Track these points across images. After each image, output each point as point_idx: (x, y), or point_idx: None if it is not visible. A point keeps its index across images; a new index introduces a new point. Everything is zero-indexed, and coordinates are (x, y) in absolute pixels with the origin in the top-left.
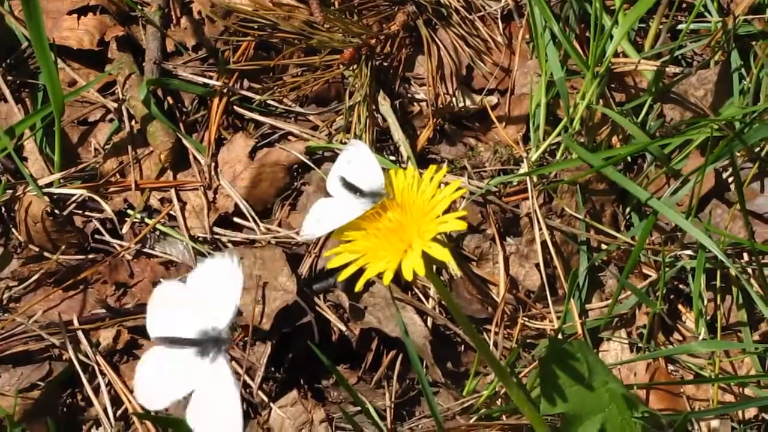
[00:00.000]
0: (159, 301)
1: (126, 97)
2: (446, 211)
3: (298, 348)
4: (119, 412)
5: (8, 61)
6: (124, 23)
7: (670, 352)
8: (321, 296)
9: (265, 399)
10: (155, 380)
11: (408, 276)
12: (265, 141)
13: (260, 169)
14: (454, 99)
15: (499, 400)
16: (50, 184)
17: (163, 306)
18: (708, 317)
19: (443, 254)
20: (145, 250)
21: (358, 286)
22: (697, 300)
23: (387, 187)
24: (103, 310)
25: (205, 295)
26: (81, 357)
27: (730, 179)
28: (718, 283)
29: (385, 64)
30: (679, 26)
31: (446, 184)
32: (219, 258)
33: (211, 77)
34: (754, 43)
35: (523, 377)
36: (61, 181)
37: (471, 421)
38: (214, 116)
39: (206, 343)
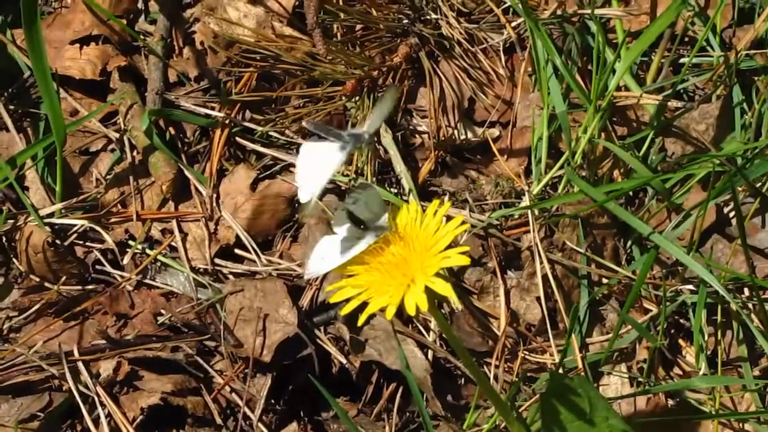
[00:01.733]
0: None
1: (128, 127)
2: (449, 246)
3: (299, 380)
4: None
5: (10, 90)
6: (126, 53)
7: (670, 387)
8: (322, 329)
9: (265, 431)
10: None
11: (411, 311)
12: (267, 172)
13: (262, 200)
14: (455, 131)
15: None
16: (51, 215)
17: None
18: (708, 352)
19: (446, 289)
20: (146, 281)
21: (361, 321)
22: (697, 335)
23: (390, 221)
24: (104, 341)
25: None
26: (81, 388)
27: (732, 214)
28: (718, 318)
29: None
30: (682, 60)
31: (449, 218)
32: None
33: (213, 108)
34: (756, 78)
35: (524, 411)
36: (63, 211)
37: None
38: (216, 147)
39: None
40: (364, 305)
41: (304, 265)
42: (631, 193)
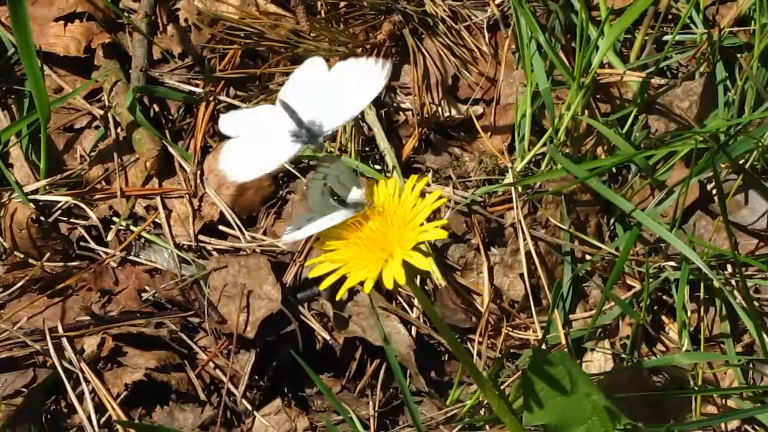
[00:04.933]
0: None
1: (112, 104)
2: (429, 220)
3: (282, 357)
4: (103, 419)
5: None
6: (110, 30)
7: (653, 363)
8: (305, 305)
9: (249, 407)
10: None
11: (389, 285)
12: None
13: None
14: (439, 108)
15: (483, 409)
16: (36, 191)
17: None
18: (691, 329)
19: (424, 263)
20: (130, 257)
21: (340, 295)
22: (680, 311)
23: (368, 196)
24: (88, 317)
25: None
26: (65, 364)
27: (715, 191)
28: (701, 294)
29: None
30: (665, 38)
31: (429, 193)
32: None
33: (197, 85)
34: (739, 55)
35: (507, 388)
36: (47, 188)
37: (454, 431)
38: (200, 124)
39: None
40: (344, 280)
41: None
42: (614, 170)
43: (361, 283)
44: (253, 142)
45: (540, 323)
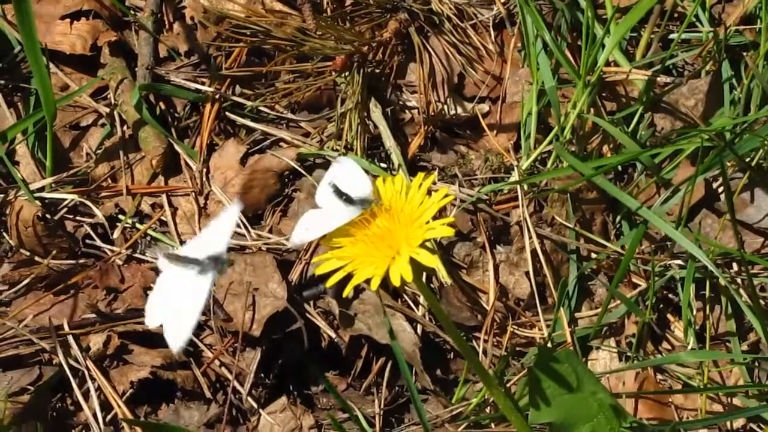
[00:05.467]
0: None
1: (118, 102)
2: (435, 218)
3: (288, 354)
4: (108, 417)
5: (0, 65)
6: (116, 28)
7: (658, 361)
8: (311, 303)
9: (255, 405)
10: (158, 299)
11: (396, 282)
12: (257, 147)
13: (251, 175)
14: (445, 106)
15: (489, 408)
16: (42, 189)
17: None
18: (697, 327)
19: (431, 260)
20: (136, 255)
21: (347, 292)
22: (686, 310)
23: (375, 194)
24: (94, 315)
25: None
26: (71, 361)
27: (720, 189)
28: (707, 293)
29: (377, 71)
30: (671, 36)
31: (435, 191)
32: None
33: (203, 83)
34: (745, 53)
35: (513, 386)
36: (53, 185)
37: (460, 429)
38: (206, 122)
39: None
40: (350, 277)
41: (290, 234)
42: (620, 168)
43: (367, 281)
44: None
45: (546, 321)
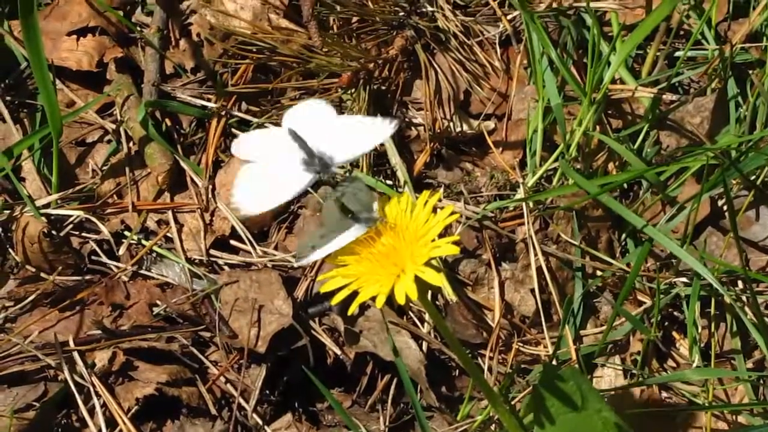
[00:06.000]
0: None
1: (124, 118)
2: (440, 236)
3: (293, 371)
4: None
5: (7, 81)
6: (123, 45)
7: (663, 379)
8: (316, 320)
9: (260, 422)
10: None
11: (401, 300)
12: None
13: None
14: (451, 124)
15: (493, 425)
16: (47, 205)
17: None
18: (702, 344)
19: (436, 279)
20: (142, 271)
21: (352, 310)
22: (691, 327)
23: (380, 211)
24: (99, 332)
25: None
26: (76, 378)
27: (726, 207)
28: (712, 310)
29: (383, 88)
30: (677, 53)
31: (441, 209)
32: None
33: (209, 99)
34: (750, 71)
35: (518, 403)
36: (59, 201)
37: None
38: (212, 138)
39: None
40: (355, 295)
41: (296, 253)
42: (625, 185)
43: (373, 299)
44: (265, 171)
45: (551, 339)
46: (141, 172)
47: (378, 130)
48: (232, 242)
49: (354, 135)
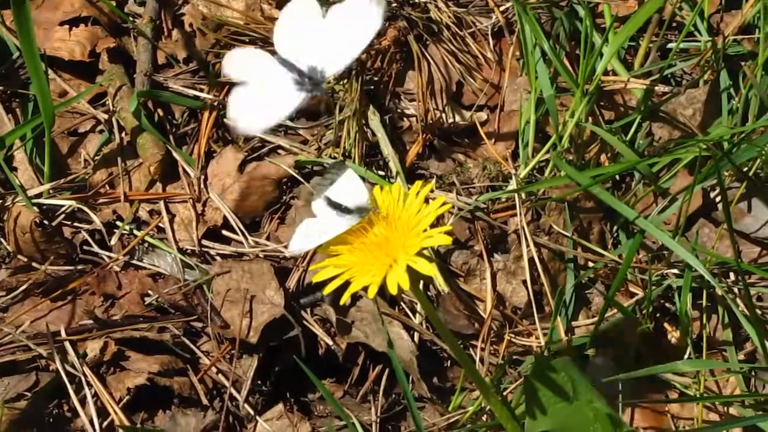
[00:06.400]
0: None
1: (116, 108)
2: (433, 226)
3: (285, 361)
4: (105, 423)
5: None
6: (115, 35)
7: (655, 370)
8: (308, 310)
9: (251, 412)
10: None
11: (393, 290)
12: (255, 154)
13: (249, 182)
14: (443, 115)
15: (485, 416)
16: (39, 195)
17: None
18: (694, 336)
19: (428, 269)
20: (134, 261)
21: (344, 300)
22: (683, 319)
23: (373, 202)
24: (91, 321)
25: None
26: (68, 368)
27: (718, 199)
28: (704, 302)
29: (376, 79)
30: (669, 45)
31: (433, 199)
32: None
33: (201, 90)
34: (743, 63)
35: (509, 394)
36: (51, 191)
37: None
38: (204, 129)
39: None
40: (347, 285)
41: (288, 243)
42: (617, 177)
43: (365, 289)
44: (257, 91)
45: (543, 330)
46: (133, 163)
47: (367, 21)
48: (224, 233)
49: (343, 36)
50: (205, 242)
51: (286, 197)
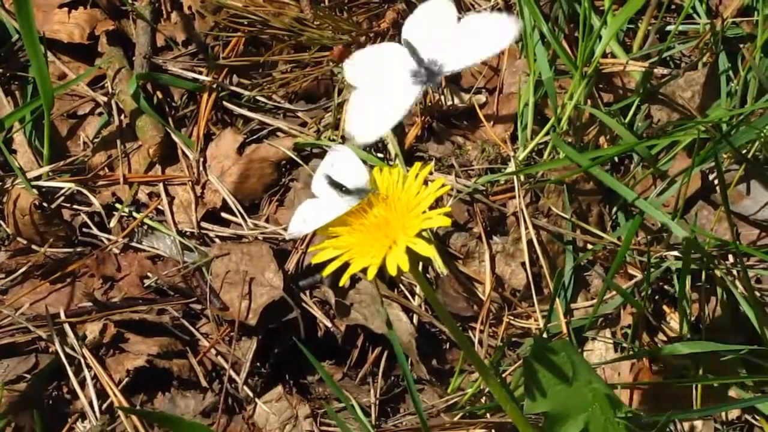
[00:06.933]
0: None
1: (115, 91)
2: (432, 208)
3: (284, 344)
4: (104, 405)
5: None
6: (114, 17)
7: (654, 352)
8: (307, 292)
9: (251, 394)
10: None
11: (392, 271)
12: (254, 137)
13: (248, 164)
14: (442, 97)
15: (484, 398)
16: (39, 177)
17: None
18: (692, 318)
19: (428, 250)
20: (133, 244)
21: (343, 281)
22: (682, 301)
23: (372, 183)
24: (90, 304)
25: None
26: (67, 350)
27: (717, 181)
28: (703, 284)
29: None
30: (668, 28)
31: (432, 182)
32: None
33: (200, 72)
34: (742, 45)
35: (508, 376)
36: (50, 174)
37: (455, 419)
38: (203, 111)
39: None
40: (346, 266)
41: (287, 225)
42: (616, 159)
43: (364, 270)
44: (374, 93)
45: (541, 312)
46: (132, 145)
47: (501, 32)
48: (223, 215)
49: (473, 40)
50: (204, 224)
51: (285, 179)
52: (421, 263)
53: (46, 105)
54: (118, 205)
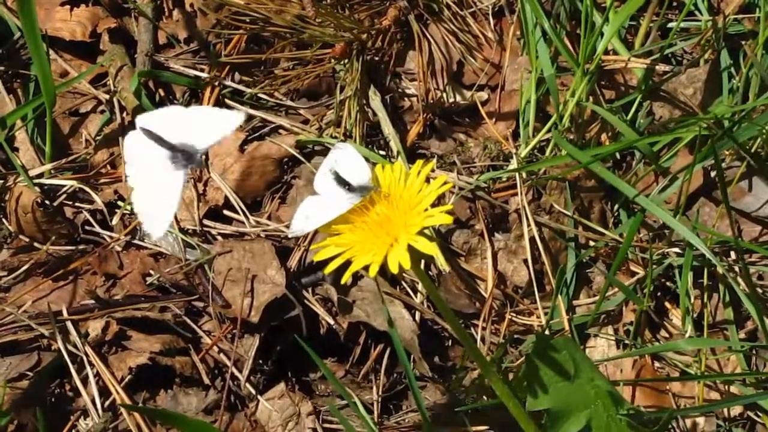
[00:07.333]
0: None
1: (117, 88)
2: (434, 205)
3: (286, 341)
4: (107, 403)
5: (0, 51)
6: (116, 15)
7: (656, 349)
8: (309, 290)
9: (253, 391)
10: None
11: (394, 269)
12: (256, 134)
13: (250, 162)
14: (444, 94)
15: (486, 395)
16: (41, 175)
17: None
18: (695, 315)
19: (429, 248)
20: (135, 241)
21: (345, 279)
22: (684, 297)
23: (374, 181)
24: (93, 301)
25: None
26: (70, 347)
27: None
28: (705, 281)
29: (377, 58)
30: (670, 24)
31: (434, 179)
32: None
33: (202, 70)
34: (743, 42)
35: (510, 373)
36: (52, 171)
37: (457, 416)
38: None
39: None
40: (349, 264)
41: (289, 222)
42: (618, 156)
43: (366, 268)
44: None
45: (543, 309)
46: None
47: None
48: (225, 212)
49: (207, 125)
50: (206, 222)
51: (287, 177)
52: (423, 260)
53: (48, 103)
54: (120, 203)
